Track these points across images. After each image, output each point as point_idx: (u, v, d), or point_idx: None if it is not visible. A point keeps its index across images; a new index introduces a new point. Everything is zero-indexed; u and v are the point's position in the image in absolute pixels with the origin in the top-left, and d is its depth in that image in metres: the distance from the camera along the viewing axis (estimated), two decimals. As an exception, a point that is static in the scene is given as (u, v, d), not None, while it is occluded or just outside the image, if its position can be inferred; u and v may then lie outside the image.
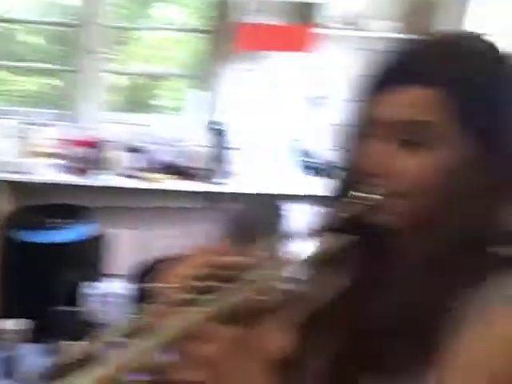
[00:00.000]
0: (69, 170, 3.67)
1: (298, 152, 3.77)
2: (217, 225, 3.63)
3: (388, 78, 0.82)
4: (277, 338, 0.94)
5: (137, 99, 4.60)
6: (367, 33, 3.72)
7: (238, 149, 3.67)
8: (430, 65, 0.79)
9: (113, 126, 3.96)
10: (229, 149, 3.61)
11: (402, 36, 3.31)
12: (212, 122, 3.70)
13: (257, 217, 3.56)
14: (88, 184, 3.64)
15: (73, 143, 3.73)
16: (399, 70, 0.81)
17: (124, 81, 4.52)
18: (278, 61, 3.94)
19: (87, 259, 3.71)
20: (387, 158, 0.81)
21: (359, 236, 0.87)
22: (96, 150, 3.62)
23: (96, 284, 3.61)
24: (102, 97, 4.06)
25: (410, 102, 0.79)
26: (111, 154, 3.68)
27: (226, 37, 3.87)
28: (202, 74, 4.04)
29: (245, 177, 3.76)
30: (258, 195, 3.75)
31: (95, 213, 3.72)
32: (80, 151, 3.66)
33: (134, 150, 3.72)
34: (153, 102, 4.59)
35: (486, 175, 0.78)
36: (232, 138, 3.64)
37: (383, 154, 0.81)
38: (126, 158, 3.73)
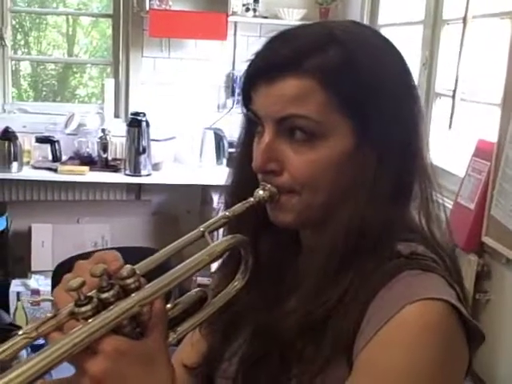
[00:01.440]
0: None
1: (218, 141, 3.76)
2: (141, 217, 3.59)
3: (260, 72, 0.79)
4: (185, 350, 0.97)
5: (50, 87, 4.47)
6: (281, 21, 3.76)
7: (158, 140, 3.62)
8: (298, 55, 0.77)
9: (24, 116, 3.83)
10: (149, 140, 3.56)
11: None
12: (132, 113, 3.63)
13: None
14: (4, 178, 3.54)
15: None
16: (270, 63, 0.78)
17: (34, 68, 4.37)
18: (192, 48, 3.92)
19: (12, 255, 3.60)
20: (276, 154, 0.79)
21: (262, 232, 0.86)
22: (6, 142, 3.46)
23: (25, 281, 3.51)
24: (8, 85, 3.90)
25: (284, 95, 0.77)
26: (24, 145, 3.55)
27: (136, 23, 3.80)
28: (114, 62, 3.96)
29: (167, 168, 3.73)
30: (182, 186, 3.73)
31: (13, 207, 3.61)
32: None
33: (48, 141, 3.59)
34: (68, 91, 4.48)
35: (370, 166, 0.78)
36: (152, 128, 3.59)
37: (272, 150, 0.79)
38: (39, 150, 3.61)
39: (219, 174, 3.67)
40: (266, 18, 3.81)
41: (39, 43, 4.48)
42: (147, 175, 3.61)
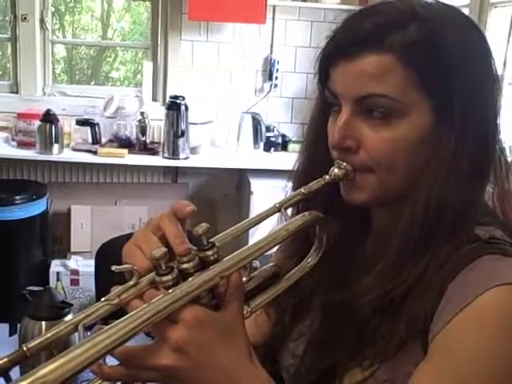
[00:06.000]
0: (18, 144, 3.57)
1: (255, 125, 3.76)
2: (178, 200, 3.58)
3: (340, 49, 0.80)
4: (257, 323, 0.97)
5: (83, 71, 4.50)
6: (320, 4, 3.73)
7: (195, 123, 3.62)
8: (380, 30, 0.77)
9: (64, 99, 3.87)
10: (188, 123, 3.56)
11: (352, 7, 3.33)
12: (170, 96, 3.63)
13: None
14: (45, 159, 3.57)
15: (20, 116, 3.62)
16: (350, 39, 0.78)
17: (69, 52, 4.40)
18: (231, 32, 3.91)
19: (51, 236, 3.65)
20: (353, 132, 0.80)
21: (332, 212, 0.86)
22: (47, 124, 3.49)
23: (64, 261, 3.55)
24: (48, 67, 3.94)
25: (364, 72, 0.77)
26: (64, 127, 3.58)
27: (175, 6, 3.80)
28: (153, 45, 3.97)
29: (205, 151, 3.74)
30: (219, 170, 3.74)
31: (53, 189, 3.65)
32: (27, 124, 3.56)
33: (88, 123, 3.62)
34: (102, 74, 4.50)
35: (448, 145, 0.77)
36: (190, 111, 3.59)
37: (349, 128, 0.80)
38: (79, 132, 3.64)
39: (256, 158, 3.68)
40: (305, 1, 3.79)
41: (73, 27, 4.50)
42: (185, 158, 3.62)
